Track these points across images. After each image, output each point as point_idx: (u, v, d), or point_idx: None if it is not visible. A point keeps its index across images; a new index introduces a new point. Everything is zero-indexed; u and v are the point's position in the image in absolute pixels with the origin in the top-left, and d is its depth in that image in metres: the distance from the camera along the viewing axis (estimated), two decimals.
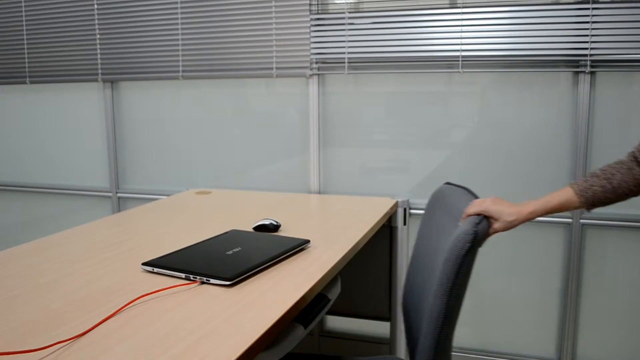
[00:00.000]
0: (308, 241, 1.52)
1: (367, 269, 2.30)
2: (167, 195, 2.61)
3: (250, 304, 1.13)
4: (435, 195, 1.39)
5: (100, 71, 2.70)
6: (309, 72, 2.36)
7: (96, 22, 2.67)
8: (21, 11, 2.79)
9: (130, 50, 2.63)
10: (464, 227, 1.01)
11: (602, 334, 2.17)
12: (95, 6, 2.66)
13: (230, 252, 1.40)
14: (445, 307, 1.01)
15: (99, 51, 2.68)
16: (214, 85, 2.58)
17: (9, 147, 3.04)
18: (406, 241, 2.26)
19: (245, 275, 1.26)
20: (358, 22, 2.27)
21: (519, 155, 2.19)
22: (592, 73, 2.05)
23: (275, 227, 1.68)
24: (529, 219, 1.21)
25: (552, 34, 2.04)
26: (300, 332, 1.22)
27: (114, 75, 2.68)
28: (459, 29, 2.14)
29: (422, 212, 2.29)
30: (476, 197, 1.24)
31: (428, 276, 1.18)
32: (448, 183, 1.41)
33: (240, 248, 1.43)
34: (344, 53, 2.30)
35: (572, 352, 2.21)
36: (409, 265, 1.43)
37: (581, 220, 2.12)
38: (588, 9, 1.99)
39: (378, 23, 2.24)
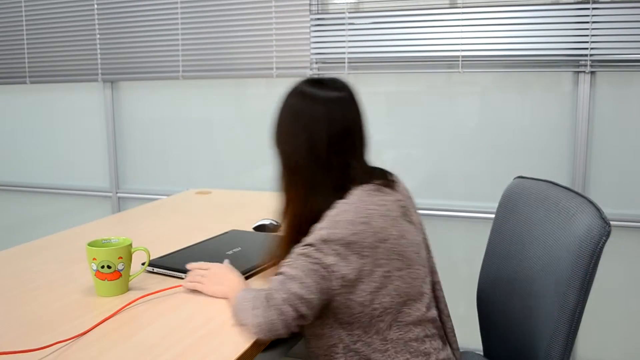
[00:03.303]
0: None
1: None
2: (167, 195, 2.61)
3: None
4: (513, 190, 1.37)
5: (100, 71, 2.70)
6: (309, 72, 2.36)
7: (96, 22, 2.67)
8: (21, 11, 2.79)
9: (130, 50, 2.63)
10: (594, 220, 1.03)
11: (602, 334, 2.17)
12: (95, 6, 2.66)
13: (230, 252, 1.40)
14: (583, 300, 1.06)
15: (99, 51, 2.68)
16: (214, 85, 2.58)
17: (8, 147, 3.04)
18: None
19: (245, 276, 1.26)
20: (358, 22, 2.27)
21: (519, 155, 2.19)
22: (592, 73, 2.05)
23: (275, 227, 1.68)
24: None
25: (552, 34, 2.04)
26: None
27: (114, 75, 2.68)
28: (459, 29, 2.14)
29: (422, 211, 2.29)
30: (566, 187, 1.21)
31: (530, 271, 1.20)
32: (520, 177, 1.39)
33: (240, 248, 1.43)
34: (344, 53, 2.30)
35: (572, 352, 2.21)
36: (491, 263, 1.41)
37: None
38: (588, 9, 1.99)
39: (378, 23, 2.24)
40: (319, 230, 1.01)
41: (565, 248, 1.07)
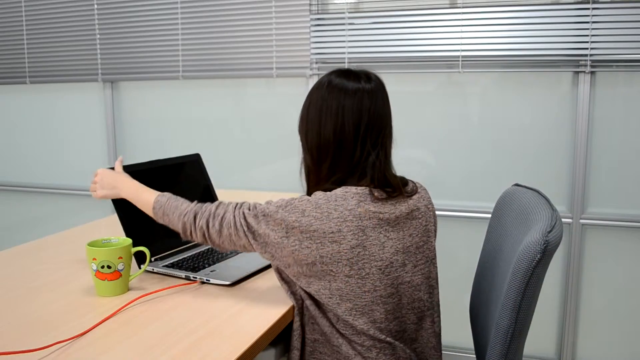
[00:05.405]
0: None
1: None
2: None
3: (251, 303, 1.13)
4: (504, 198, 1.30)
5: (100, 71, 2.70)
6: (309, 72, 2.36)
7: (96, 22, 2.67)
8: (21, 11, 2.79)
9: (130, 50, 2.63)
10: (533, 236, 0.94)
11: (602, 334, 2.17)
12: (95, 6, 2.66)
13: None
14: (515, 322, 0.96)
15: (99, 51, 2.68)
16: (214, 85, 2.58)
17: (8, 147, 3.04)
18: None
19: (245, 275, 1.26)
20: (358, 22, 2.27)
21: (519, 155, 2.19)
22: (592, 73, 2.05)
23: None
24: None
25: (552, 34, 2.04)
26: None
27: (114, 75, 2.68)
28: (459, 29, 2.14)
29: None
30: (547, 198, 1.14)
31: (495, 285, 1.14)
32: (517, 184, 1.31)
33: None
34: (344, 53, 2.30)
35: (572, 352, 2.21)
36: (477, 272, 1.36)
37: (581, 220, 2.12)
38: (588, 9, 1.99)
39: (378, 23, 2.24)
40: (270, 205, 1.07)
41: (511, 265, 0.99)
